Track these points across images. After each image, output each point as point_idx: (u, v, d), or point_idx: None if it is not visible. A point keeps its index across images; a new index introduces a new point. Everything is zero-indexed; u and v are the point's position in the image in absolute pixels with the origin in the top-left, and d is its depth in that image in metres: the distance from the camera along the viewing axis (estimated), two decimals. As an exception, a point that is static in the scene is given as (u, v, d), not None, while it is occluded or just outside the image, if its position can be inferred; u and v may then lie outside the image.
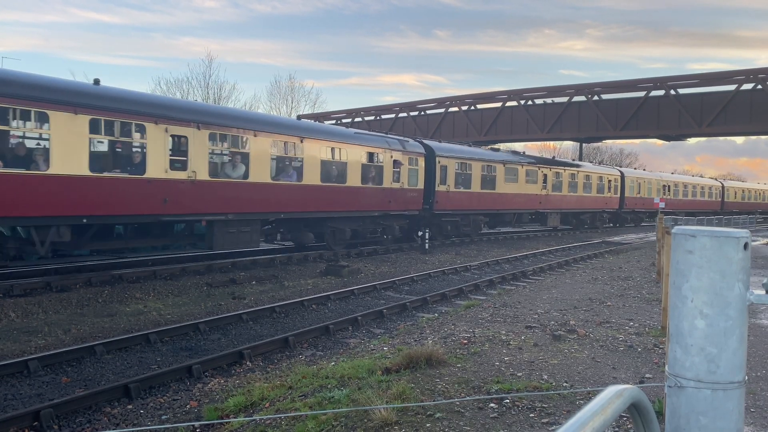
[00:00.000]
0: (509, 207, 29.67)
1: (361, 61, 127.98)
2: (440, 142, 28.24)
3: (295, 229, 19.55)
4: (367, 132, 24.82)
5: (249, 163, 16.65)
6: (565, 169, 34.90)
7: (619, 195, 41.14)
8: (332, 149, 19.99)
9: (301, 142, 18.56)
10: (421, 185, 24.16)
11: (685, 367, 1.65)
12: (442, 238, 25.63)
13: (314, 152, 19.04)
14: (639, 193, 43.89)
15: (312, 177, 18.89)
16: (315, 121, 39.30)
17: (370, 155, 21.59)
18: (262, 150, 17.20)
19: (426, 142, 26.00)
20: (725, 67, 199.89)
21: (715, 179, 63.30)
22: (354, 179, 20.66)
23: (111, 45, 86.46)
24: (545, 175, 32.61)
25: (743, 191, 65.13)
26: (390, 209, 22.31)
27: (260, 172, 17.05)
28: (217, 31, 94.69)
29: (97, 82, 13.92)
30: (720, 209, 56.64)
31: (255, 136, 16.93)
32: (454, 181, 25.78)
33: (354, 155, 20.73)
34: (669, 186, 48.65)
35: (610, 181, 40.24)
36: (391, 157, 22.47)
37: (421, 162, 24.39)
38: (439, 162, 25.00)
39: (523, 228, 34.39)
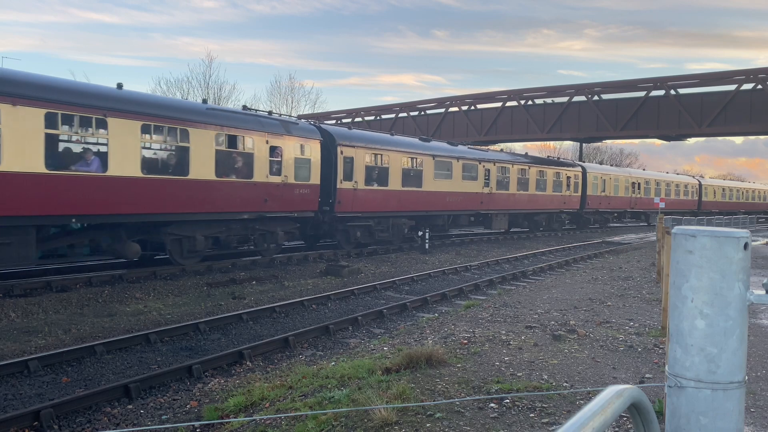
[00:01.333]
0: (441, 208, 25.35)
1: (360, 62, 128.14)
2: (351, 129, 23.56)
3: (111, 237, 14.34)
4: (230, 109, 19.36)
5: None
6: (512, 164, 30.42)
7: (580, 193, 36.58)
8: (166, 130, 14.80)
9: (105, 118, 13.29)
10: (315, 180, 19.20)
11: (685, 367, 1.65)
12: (350, 247, 21.14)
13: (129, 134, 13.78)
14: (604, 191, 39.12)
15: (126, 166, 13.75)
16: (315, 121, 38.48)
17: (232, 139, 16.51)
18: (24, 129, 11.89)
19: (325, 126, 21.43)
20: (724, 67, 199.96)
21: (693, 176, 58.61)
22: (203, 170, 15.55)
23: (110, 45, 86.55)
24: (488, 171, 28.29)
25: (723, 190, 60.23)
26: (267, 210, 17.48)
27: (21, 159, 11.87)
28: (215, 31, 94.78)
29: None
30: (697, 209, 52.81)
31: (14, 106, 11.76)
32: (365, 176, 21.11)
33: (203, 139, 15.56)
34: (638, 183, 44.25)
35: (569, 177, 35.26)
36: (267, 142, 17.38)
37: (316, 151, 19.31)
38: (341, 152, 20.14)
39: (463, 231, 30.53)
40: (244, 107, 19.01)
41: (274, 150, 17.79)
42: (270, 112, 19.29)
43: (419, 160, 24.22)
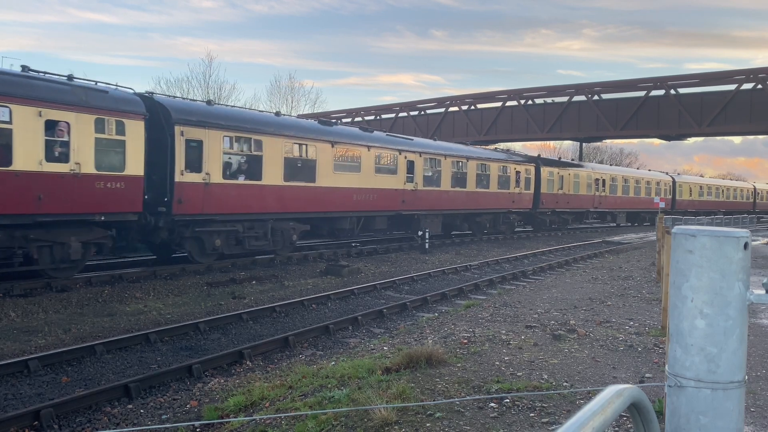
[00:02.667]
0: (346, 208, 20.54)
1: (359, 61, 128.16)
2: (213, 105, 17.93)
3: None
4: None
5: None
6: (445, 156, 25.88)
7: (532, 191, 32.34)
8: None
9: None
10: (135, 170, 14.22)
11: (685, 366, 1.65)
12: (208, 260, 16.43)
13: None
14: (562, 189, 34.72)
15: None
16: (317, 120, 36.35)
17: None
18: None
19: (158, 97, 15.90)
20: (723, 66, 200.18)
21: (666, 173, 53.06)
22: None
23: (109, 45, 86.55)
24: (411, 163, 23.72)
25: (701, 187, 55.01)
26: (43, 212, 12.60)
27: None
28: (214, 31, 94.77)
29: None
30: (670, 208, 47.50)
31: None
32: (223, 167, 16.36)
33: None
34: (603, 180, 39.54)
35: (518, 172, 30.98)
36: (41, 114, 12.44)
37: (137, 130, 14.27)
38: (182, 134, 15.18)
39: (379, 237, 25.93)
40: None
41: (54, 126, 12.82)
42: (46, 73, 13.36)
43: (312, 147, 18.98)
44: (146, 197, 14.77)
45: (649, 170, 53.97)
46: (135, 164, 14.28)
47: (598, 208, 39.11)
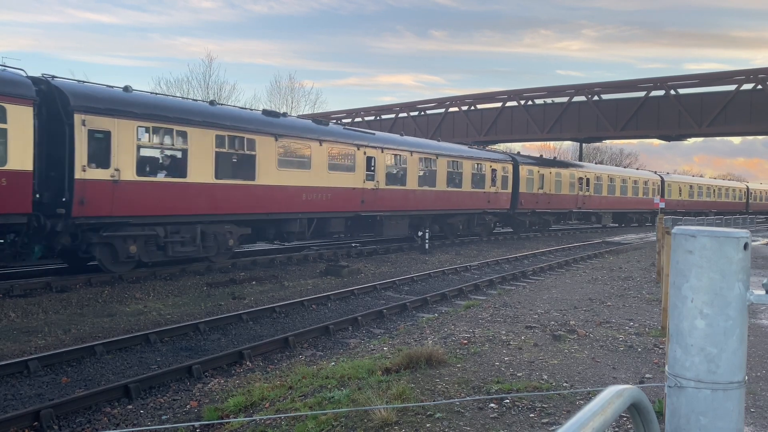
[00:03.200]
0: (294, 209, 18.33)
1: (359, 62, 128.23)
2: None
3: None
4: None
5: None
6: (411, 152, 23.64)
7: (510, 190, 30.39)
8: None
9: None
10: (21, 165, 12.23)
11: (685, 367, 1.65)
12: (122, 269, 14.41)
13: None
14: (542, 188, 32.77)
15: None
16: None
17: None
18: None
19: (57, 81, 13.49)
20: (722, 67, 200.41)
21: (655, 172, 50.90)
22: None
23: (108, 45, 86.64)
24: (371, 160, 21.60)
25: (690, 187, 52.50)
26: None
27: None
28: (214, 31, 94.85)
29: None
30: (659, 209, 48.83)
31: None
32: (137, 162, 14.21)
33: None
34: (587, 179, 37.52)
35: (494, 170, 29.01)
36: None
37: (23, 117, 12.31)
38: (84, 123, 13.15)
39: (332, 242, 23.82)
40: None
41: None
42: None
43: (250, 141, 16.92)
44: (38, 196, 12.70)
45: (637, 169, 52.46)
46: (20, 157, 12.12)
47: (581, 208, 37.13)
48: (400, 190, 23.21)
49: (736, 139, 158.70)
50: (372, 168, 21.68)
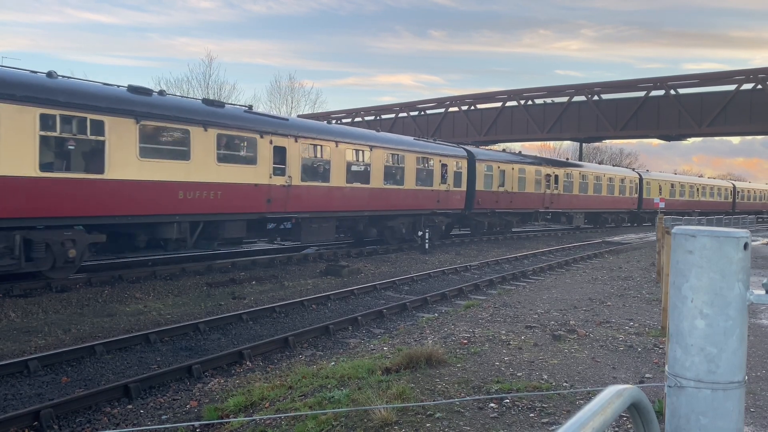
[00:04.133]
0: (164, 210, 14.66)
1: (358, 62, 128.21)
2: None
3: None
4: None
5: None
6: (337, 143, 19.90)
7: (465, 188, 27.15)
8: None
9: None
10: None
11: (685, 367, 1.65)
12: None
13: None
14: (503, 185, 29.60)
15: None
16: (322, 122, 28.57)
17: None
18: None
19: None
20: (721, 67, 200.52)
21: (633, 169, 48.27)
22: None
23: (107, 45, 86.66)
24: (282, 150, 17.80)
25: (672, 186, 49.16)
26: None
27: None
28: (213, 31, 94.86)
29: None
30: (637, 208, 43.63)
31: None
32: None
33: None
34: (555, 176, 34.03)
35: (445, 166, 25.72)
36: None
37: None
38: None
39: (237, 249, 20.48)
40: None
41: None
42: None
43: (96, 123, 13.18)
44: None
45: (614, 166, 47.93)
46: None
47: (549, 208, 33.75)
48: (322, 188, 19.44)
49: (735, 139, 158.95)
50: (282, 161, 17.89)
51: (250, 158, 16.92)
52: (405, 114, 43.64)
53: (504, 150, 36.26)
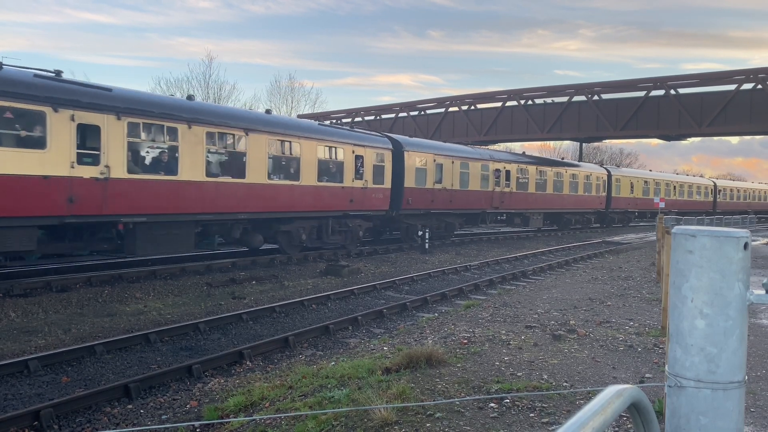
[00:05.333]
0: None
1: (357, 62, 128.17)
2: None
3: None
4: None
5: None
6: (190, 124, 15.25)
7: (389, 185, 22.79)
8: None
9: None
10: None
11: (685, 367, 1.65)
12: None
13: None
14: (441, 182, 25.66)
15: None
16: (314, 120, 28.73)
17: None
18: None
19: None
20: (720, 67, 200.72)
21: (601, 164, 44.24)
22: None
23: (106, 45, 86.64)
24: (93, 131, 13.54)
25: (645, 183, 45.17)
26: None
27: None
28: (211, 31, 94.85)
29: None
30: (605, 208, 40.00)
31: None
32: None
33: None
34: (506, 172, 30.11)
35: (360, 158, 21.19)
36: None
37: None
38: None
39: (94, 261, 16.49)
40: None
41: None
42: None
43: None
44: None
45: (580, 161, 43.49)
46: None
47: (500, 208, 29.86)
48: (165, 183, 14.83)
49: (733, 139, 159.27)
50: (95, 146, 13.50)
51: (36, 141, 12.39)
52: (405, 114, 43.63)
53: (446, 141, 31.24)
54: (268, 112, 20.64)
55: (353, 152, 21.11)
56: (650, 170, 56.49)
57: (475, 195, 28.05)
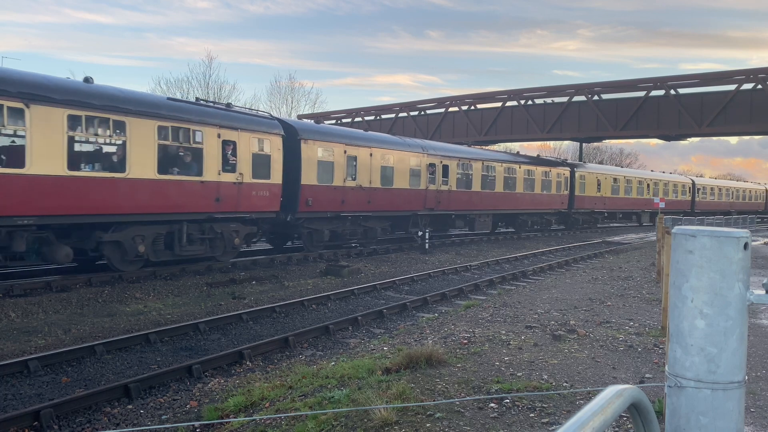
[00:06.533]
0: None
1: (356, 62, 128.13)
2: None
3: None
4: None
5: None
6: (27, 104, 11.90)
7: (281, 181, 17.94)
8: None
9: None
10: None
11: (685, 367, 1.65)
12: None
13: None
14: (355, 178, 20.92)
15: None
16: (314, 120, 28.57)
17: None
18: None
19: None
20: (718, 67, 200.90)
21: (564, 160, 39.85)
22: None
23: (105, 45, 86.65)
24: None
25: (615, 180, 40.65)
26: None
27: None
28: (210, 31, 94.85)
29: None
30: (567, 209, 35.80)
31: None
32: None
33: None
34: (444, 167, 25.53)
35: (229, 145, 16.43)
36: None
37: None
38: None
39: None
40: None
41: None
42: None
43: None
44: None
45: (538, 156, 38.32)
46: None
47: (436, 209, 25.42)
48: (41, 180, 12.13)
49: (732, 139, 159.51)
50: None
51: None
52: (405, 114, 43.64)
53: (367, 129, 27.69)
54: (87, 80, 13.73)
55: (219, 136, 16.10)
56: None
57: (402, 194, 23.39)
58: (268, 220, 18.33)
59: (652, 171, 53.96)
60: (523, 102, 37.79)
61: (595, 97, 34.64)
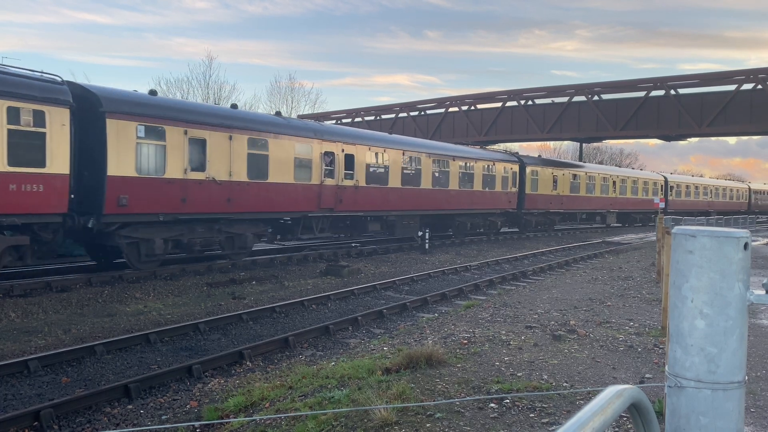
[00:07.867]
0: None
1: (354, 62, 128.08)
2: None
3: None
4: None
5: None
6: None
7: (69, 171, 13.03)
8: None
9: None
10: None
11: (685, 367, 1.65)
12: None
13: None
14: (205, 170, 15.92)
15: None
16: (314, 120, 26.38)
17: None
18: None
19: None
20: (717, 67, 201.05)
21: (515, 154, 34.31)
22: None
23: (104, 45, 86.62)
24: None
25: (574, 177, 36.21)
26: None
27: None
28: (209, 31, 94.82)
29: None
30: (516, 208, 31.14)
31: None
32: None
33: None
34: (346, 157, 20.52)
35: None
36: None
37: None
38: None
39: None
40: None
41: None
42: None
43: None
44: None
45: (480, 148, 32.88)
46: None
47: (337, 209, 20.40)
48: None
49: (731, 139, 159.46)
50: None
51: None
52: (405, 114, 43.64)
53: (221, 104, 20.61)
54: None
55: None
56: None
57: (284, 191, 18.29)
58: (48, 227, 12.96)
59: (619, 167, 49.01)
60: (523, 102, 37.80)
61: (595, 98, 34.65)
